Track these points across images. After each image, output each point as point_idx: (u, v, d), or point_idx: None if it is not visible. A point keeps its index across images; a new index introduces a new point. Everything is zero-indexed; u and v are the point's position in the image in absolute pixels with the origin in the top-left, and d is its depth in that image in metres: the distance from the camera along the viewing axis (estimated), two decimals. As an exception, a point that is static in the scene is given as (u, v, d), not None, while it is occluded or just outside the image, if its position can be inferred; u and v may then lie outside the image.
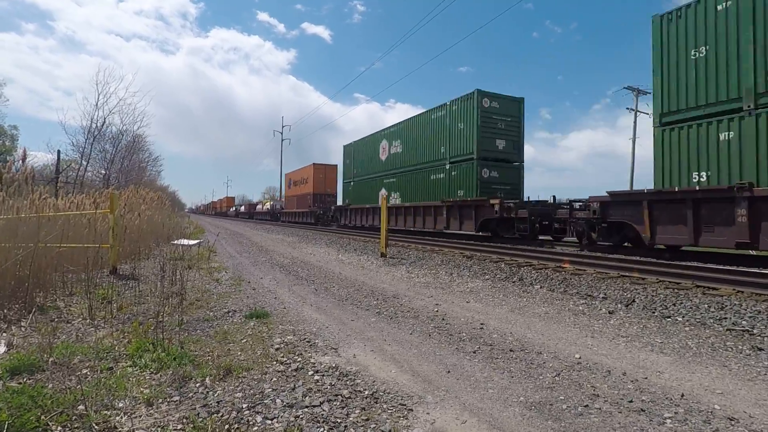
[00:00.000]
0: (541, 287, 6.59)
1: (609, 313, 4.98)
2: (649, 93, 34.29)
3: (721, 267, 6.76)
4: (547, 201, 12.82)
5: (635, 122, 33.76)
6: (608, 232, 10.05)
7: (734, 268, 6.93)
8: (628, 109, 34.49)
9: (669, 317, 4.73)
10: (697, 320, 4.58)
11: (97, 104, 23.08)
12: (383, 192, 19.58)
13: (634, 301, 5.46)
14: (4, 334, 3.72)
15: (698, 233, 7.92)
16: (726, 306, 5.01)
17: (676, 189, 8.35)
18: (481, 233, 14.07)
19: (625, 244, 10.06)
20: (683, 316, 4.72)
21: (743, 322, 4.41)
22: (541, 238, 12.82)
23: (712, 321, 4.52)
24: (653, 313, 4.93)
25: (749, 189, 7.21)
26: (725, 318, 4.59)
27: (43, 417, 2.19)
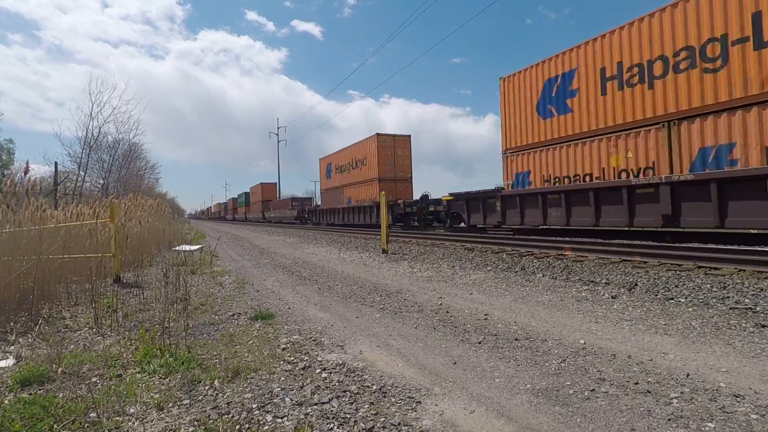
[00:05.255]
0: (543, 276, 6.61)
1: (612, 297, 5.00)
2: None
3: (722, 247, 6.79)
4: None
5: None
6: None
7: (735, 247, 6.95)
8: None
9: (672, 299, 4.76)
10: (700, 300, 4.60)
11: (91, 114, 23.15)
12: (381, 192, 21.27)
13: (636, 284, 5.48)
14: (12, 347, 3.75)
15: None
16: (728, 285, 5.03)
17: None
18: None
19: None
20: (686, 297, 4.75)
21: (746, 300, 4.43)
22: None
23: (715, 300, 4.54)
24: (656, 295, 4.95)
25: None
26: (728, 297, 4.61)
27: (55, 426, 2.21)
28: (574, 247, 8.47)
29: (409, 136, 22.67)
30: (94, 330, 4.26)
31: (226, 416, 2.37)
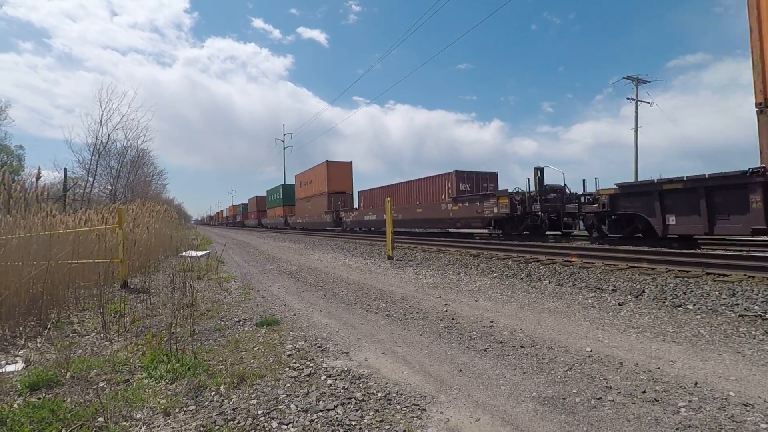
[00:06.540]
0: (549, 282, 6.58)
1: (619, 304, 4.96)
2: (649, 81, 34.13)
3: (730, 253, 6.72)
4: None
5: (636, 112, 33.48)
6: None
7: (744, 253, 6.88)
8: (628, 98, 34.24)
9: (680, 306, 4.71)
10: (709, 308, 4.55)
11: (101, 121, 23.39)
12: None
13: (644, 291, 5.43)
14: (22, 351, 3.78)
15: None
16: (737, 292, 4.98)
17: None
18: None
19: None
20: (694, 305, 4.70)
21: (755, 308, 4.38)
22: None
23: (723, 308, 4.50)
24: (664, 302, 4.91)
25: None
26: (737, 304, 4.56)
27: (64, 430, 2.23)
28: (580, 254, 8.42)
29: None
30: (102, 335, 4.30)
31: (231, 422, 2.38)
